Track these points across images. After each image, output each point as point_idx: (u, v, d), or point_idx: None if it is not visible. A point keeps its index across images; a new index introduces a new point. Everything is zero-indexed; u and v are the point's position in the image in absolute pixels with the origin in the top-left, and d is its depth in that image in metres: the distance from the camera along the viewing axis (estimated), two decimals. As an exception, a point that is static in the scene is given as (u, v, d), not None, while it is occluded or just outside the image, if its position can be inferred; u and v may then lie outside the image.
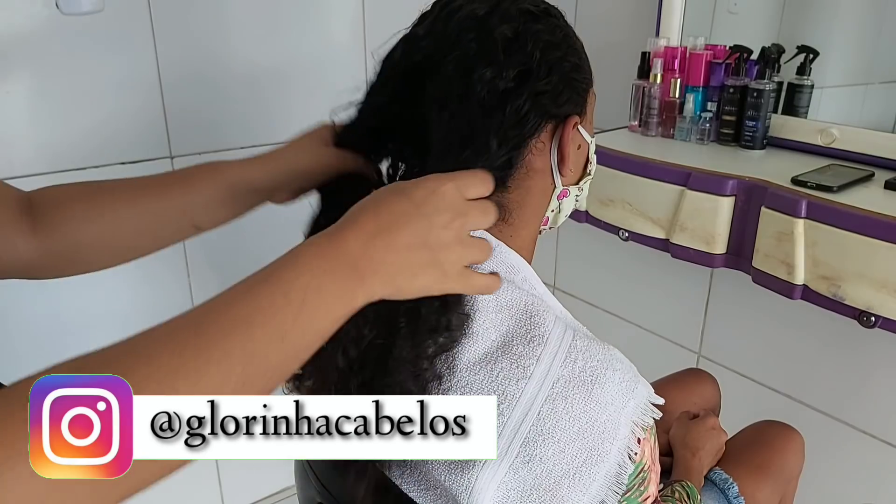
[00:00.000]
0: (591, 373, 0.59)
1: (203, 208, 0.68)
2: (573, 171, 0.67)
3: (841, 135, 1.25)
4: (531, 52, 0.59)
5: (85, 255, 0.66)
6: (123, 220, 0.66)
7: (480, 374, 0.60)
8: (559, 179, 0.67)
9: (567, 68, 0.62)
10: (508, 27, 0.59)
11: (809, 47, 1.31)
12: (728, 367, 1.57)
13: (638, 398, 0.60)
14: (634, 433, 0.59)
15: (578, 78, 0.64)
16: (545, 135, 0.64)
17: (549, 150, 0.65)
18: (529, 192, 0.66)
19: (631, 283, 1.77)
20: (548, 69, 0.60)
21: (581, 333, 0.62)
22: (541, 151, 0.64)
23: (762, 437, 1.10)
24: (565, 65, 0.62)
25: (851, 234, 1.01)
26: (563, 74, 0.62)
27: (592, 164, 0.71)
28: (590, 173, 0.71)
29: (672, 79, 1.41)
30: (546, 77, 0.60)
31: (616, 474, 0.59)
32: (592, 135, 0.70)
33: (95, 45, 1.32)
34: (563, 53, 0.62)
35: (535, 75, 0.60)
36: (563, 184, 0.67)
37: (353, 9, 1.67)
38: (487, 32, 0.59)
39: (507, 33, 0.59)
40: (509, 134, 0.60)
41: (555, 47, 0.61)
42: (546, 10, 0.63)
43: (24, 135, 1.30)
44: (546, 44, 0.61)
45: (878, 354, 1.29)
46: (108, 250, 0.67)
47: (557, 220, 0.72)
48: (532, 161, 0.64)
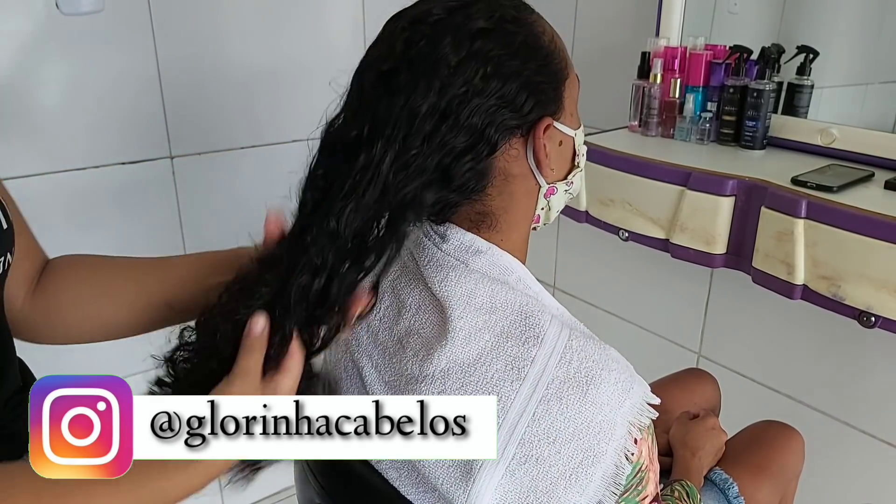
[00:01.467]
0: (586, 373, 0.59)
1: (181, 283, 0.67)
2: (556, 169, 0.66)
3: (841, 135, 1.25)
4: (477, 73, 0.57)
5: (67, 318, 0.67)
6: (112, 288, 0.67)
7: (475, 376, 0.60)
8: (542, 180, 0.66)
9: (528, 74, 0.60)
10: (454, 55, 0.57)
11: (809, 47, 1.31)
12: (728, 367, 1.57)
13: (634, 398, 0.60)
14: (631, 433, 0.59)
15: (544, 79, 0.62)
16: (517, 142, 0.63)
17: (525, 154, 0.64)
18: (513, 197, 0.65)
19: (631, 283, 1.77)
20: (501, 83, 0.59)
21: (578, 332, 0.61)
22: (515, 158, 0.63)
23: (762, 437, 1.10)
24: (525, 72, 0.60)
25: (851, 234, 1.01)
26: (522, 83, 0.60)
27: (581, 155, 0.70)
28: (578, 165, 0.70)
29: (672, 79, 1.41)
30: (499, 91, 0.59)
31: (613, 475, 0.59)
32: (578, 125, 0.68)
33: (95, 45, 1.32)
34: (523, 61, 0.60)
35: (482, 96, 0.58)
36: (548, 182, 0.67)
37: (353, 9, 1.67)
38: (434, 61, 0.57)
39: (451, 62, 0.57)
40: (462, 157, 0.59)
41: (511, 57, 0.59)
42: (501, 18, 0.60)
43: (24, 135, 1.30)
44: (499, 59, 0.59)
45: (878, 354, 1.29)
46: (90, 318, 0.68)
47: (549, 216, 0.71)
48: (508, 168, 0.63)
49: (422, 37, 0.58)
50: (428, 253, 0.66)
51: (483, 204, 0.65)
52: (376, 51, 0.61)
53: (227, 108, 1.54)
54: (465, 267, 0.64)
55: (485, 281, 0.63)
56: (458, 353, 0.60)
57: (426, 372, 0.61)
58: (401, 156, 0.57)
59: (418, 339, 0.63)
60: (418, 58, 0.58)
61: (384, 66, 0.59)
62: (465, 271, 0.63)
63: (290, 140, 1.62)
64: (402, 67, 0.58)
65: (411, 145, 0.57)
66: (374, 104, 0.58)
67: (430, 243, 0.66)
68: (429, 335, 0.63)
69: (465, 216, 0.66)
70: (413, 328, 0.64)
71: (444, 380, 0.60)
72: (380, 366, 0.67)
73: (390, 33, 0.61)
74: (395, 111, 0.57)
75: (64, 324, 0.67)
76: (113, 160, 1.40)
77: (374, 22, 0.65)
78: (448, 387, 0.60)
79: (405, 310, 0.66)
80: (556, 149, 0.65)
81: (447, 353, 0.60)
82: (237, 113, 1.56)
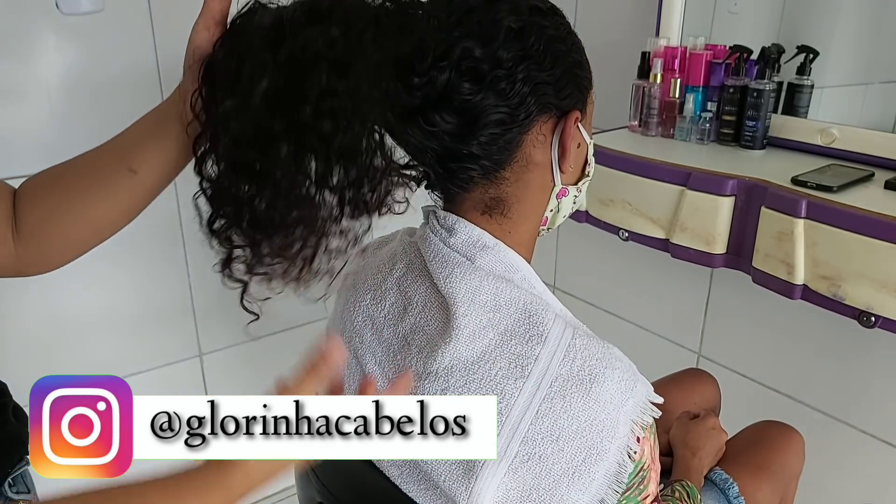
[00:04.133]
0: (589, 371, 0.59)
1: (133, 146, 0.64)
2: (573, 169, 0.67)
3: (841, 135, 1.25)
4: (533, 44, 0.60)
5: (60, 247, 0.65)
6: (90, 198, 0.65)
7: (479, 374, 0.60)
8: (559, 176, 0.67)
9: (571, 63, 0.63)
10: (515, 19, 0.59)
11: (809, 47, 1.31)
12: (728, 367, 1.57)
13: (637, 397, 0.60)
14: (634, 432, 0.60)
15: (581, 74, 0.65)
16: (546, 127, 0.64)
17: (551, 143, 0.65)
18: (528, 187, 0.66)
19: (631, 283, 1.77)
20: (552, 61, 0.61)
21: (581, 331, 0.62)
22: (541, 144, 0.64)
23: (762, 437, 1.10)
24: (569, 59, 0.63)
25: (851, 234, 1.01)
26: (566, 68, 0.63)
27: (591, 165, 0.71)
28: (588, 174, 0.71)
29: (672, 79, 1.41)
30: (550, 68, 0.61)
31: (615, 473, 0.59)
32: (591, 137, 0.70)
33: (95, 45, 1.32)
34: (568, 48, 0.63)
35: (536, 64, 0.60)
36: (562, 182, 0.67)
37: (353, 9, 1.67)
38: (493, 21, 0.59)
39: (511, 24, 0.59)
40: (504, 112, 0.60)
41: (560, 41, 0.62)
42: (552, 8, 0.64)
43: (24, 134, 1.30)
44: (550, 38, 0.61)
45: (878, 354, 1.29)
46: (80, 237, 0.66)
47: (556, 220, 0.72)
48: (532, 154, 0.64)
49: (479, 7, 0.60)
50: (434, 249, 0.66)
51: (497, 188, 0.65)
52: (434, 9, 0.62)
53: (227, 108, 1.54)
54: (470, 263, 0.64)
55: (490, 278, 0.63)
56: (462, 350, 0.60)
57: (430, 369, 0.61)
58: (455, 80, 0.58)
59: (423, 336, 0.63)
60: (476, 22, 0.59)
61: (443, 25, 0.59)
62: (470, 268, 0.63)
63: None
64: (459, 28, 0.59)
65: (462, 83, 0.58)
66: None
67: (437, 239, 0.66)
68: (433, 332, 0.63)
69: (477, 200, 0.66)
70: (418, 325, 0.65)
71: (448, 377, 0.60)
72: (383, 363, 0.67)
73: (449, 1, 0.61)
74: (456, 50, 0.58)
75: (58, 240, 0.65)
76: (113, 160, 1.40)
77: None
78: (452, 384, 0.60)
79: (411, 307, 0.66)
80: (575, 149, 0.66)
81: (451, 350, 0.60)
82: (237, 113, 1.56)
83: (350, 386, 0.71)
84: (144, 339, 1.51)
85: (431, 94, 0.59)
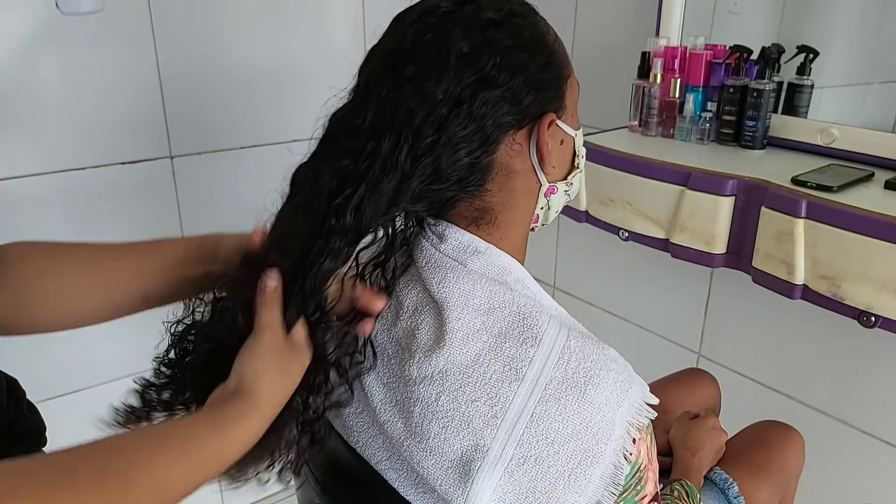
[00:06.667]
0: (584, 374, 0.59)
1: (156, 275, 0.67)
2: (557, 168, 0.67)
3: (841, 134, 1.25)
4: (487, 63, 0.58)
5: (36, 313, 0.65)
6: (81, 281, 0.66)
7: (473, 377, 0.60)
8: (543, 178, 0.66)
9: (533, 69, 0.61)
10: (466, 42, 0.58)
11: (809, 47, 1.31)
12: (728, 367, 1.57)
13: (632, 398, 0.60)
14: (629, 433, 0.59)
15: (548, 76, 0.63)
16: (520, 136, 0.63)
17: (528, 150, 0.64)
18: (514, 194, 0.65)
19: (631, 283, 1.77)
20: (508, 75, 0.59)
21: (576, 332, 0.61)
22: (518, 153, 0.63)
23: (762, 437, 1.10)
24: (531, 66, 0.61)
25: (851, 233, 1.01)
26: (527, 77, 0.61)
27: (580, 156, 0.70)
28: (578, 166, 0.70)
29: (672, 79, 1.41)
30: (506, 84, 0.59)
31: (612, 475, 0.59)
32: (578, 126, 0.69)
33: (95, 45, 1.32)
34: (529, 54, 0.61)
35: (490, 85, 0.58)
36: (549, 181, 0.67)
37: (353, 9, 1.67)
38: (444, 49, 0.58)
39: (463, 49, 0.58)
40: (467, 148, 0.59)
41: (518, 50, 0.60)
42: (510, 11, 0.61)
43: (25, 135, 1.30)
44: (507, 49, 0.59)
45: (878, 354, 1.29)
46: (61, 312, 0.66)
47: (548, 216, 0.71)
48: (510, 163, 0.63)
49: (430, 28, 0.59)
50: (426, 254, 0.66)
51: (482, 200, 0.64)
52: (385, 44, 0.62)
53: (227, 108, 1.54)
54: (463, 267, 0.64)
55: (483, 282, 0.63)
56: (456, 354, 0.60)
57: (424, 373, 0.61)
58: (415, 144, 0.57)
59: (416, 340, 0.63)
60: (428, 48, 0.58)
61: (394, 58, 0.59)
62: (463, 272, 0.63)
63: (291, 140, 1.62)
64: (411, 58, 0.58)
65: (426, 134, 0.57)
66: (383, 94, 0.58)
67: (428, 244, 0.66)
68: (426, 336, 0.63)
69: (464, 213, 0.66)
70: (411, 330, 0.64)
71: (443, 381, 0.60)
72: (378, 368, 0.66)
73: (399, 26, 0.61)
74: (406, 99, 0.57)
75: (32, 319, 0.65)
76: (113, 160, 1.40)
77: (374, 22, 0.64)
78: (446, 388, 0.60)
79: (403, 311, 0.66)
80: (557, 147, 0.65)
81: (445, 354, 0.60)
82: (237, 113, 1.56)
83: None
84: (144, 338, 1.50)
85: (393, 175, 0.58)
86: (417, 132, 0.57)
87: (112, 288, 0.67)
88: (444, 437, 0.59)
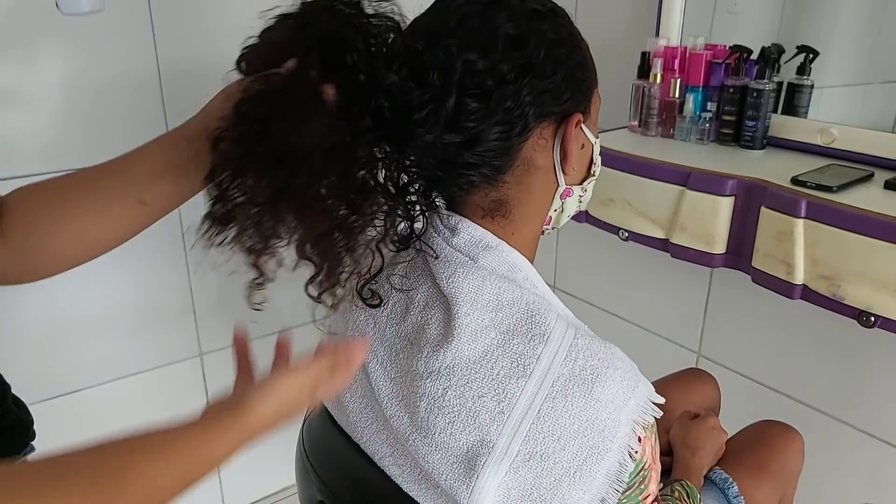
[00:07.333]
0: (591, 371, 0.59)
1: (146, 178, 0.66)
2: (576, 170, 0.67)
3: (841, 134, 1.25)
4: (534, 51, 0.60)
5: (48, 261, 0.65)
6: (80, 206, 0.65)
7: (480, 373, 0.60)
8: (562, 178, 0.67)
9: (571, 66, 0.63)
10: (513, 25, 0.59)
11: (809, 47, 1.31)
12: (728, 367, 1.57)
13: (638, 397, 0.60)
14: (635, 431, 0.60)
15: (582, 77, 0.65)
16: (547, 132, 0.64)
17: (552, 147, 0.65)
18: (531, 190, 0.66)
19: (631, 283, 1.77)
20: (552, 67, 0.61)
21: (583, 332, 0.62)
22: (543, 148, 0.64)
23: (762, 436, 1.10)
24: (570, 63, 0.62)
25: (851, 234, 1.01)
26: (566, 72, 0.62)
27: (597, 164, 0.71)
28: (594, 174, 0.71)
29: (672, 79, 1.41)
30: (551, 75, 0.61)
31: (617, 472, 0.59)
32: (597, 136, 0.70)
33: (95, 45, 1.32)
34: (568, 51, 0.62)
35: (536, 72, 0.60)
36: (566, 183, 0.67)
37: (354, 9, 1.67)
38: (492, 28, 0.59)
39: (509, 31, 0.59)
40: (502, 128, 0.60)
41: (560, 45, 0.62)
42: (553, 9, 0.63)
43: (25, 134, 1.30)
44: (551, 42, 0.61)
45: (878, 354, 1.29)
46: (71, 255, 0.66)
47: (560, 220, 0.72)
48: (534, 158, 0.64)
49: (477, 12, 0.59)
50: (437, 249, 0.66)
51: (499, 191, 0.65)
52: (429, 19, 0.62)
53: (228, 108, 1.54)
54: (473, 263, 0.64)
55: (492, 278, 0.63)
56: (464, 350, 0.60)
57: (431, 368, 0.61)
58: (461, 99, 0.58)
59: (424, 335, 0.63)
60: (475, 26, 0.59)
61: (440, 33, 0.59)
62: (472, 268, 0.63)
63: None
64: (456, 33, 0.59)
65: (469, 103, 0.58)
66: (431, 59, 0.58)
67: (440, 239, 0.66)
68: (435, 332, 0.63)
69: (480, 202, 0.66)
70: (420, 325, 0.65)
71: (450, 376, 0.60)
72: (385, 362, 0.67)
73: (445, 7, 0.61)
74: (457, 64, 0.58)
75: (48, 255, 0.65)
76: (113, 160, 1.40)
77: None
78: (453, 383, 0.60)
79: (413, 306, 0.66)
80: (578, 150, 0.66)
81: (452, 349, 0.60)
82: (237, 112, 1.56)
83: (353, 385, 0.71)
84: (144, 338, 1.51)
85: (439, 117, 0.58)
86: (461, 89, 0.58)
87: (110, 204, 0.65)
88: (450, 432, 0.60)
